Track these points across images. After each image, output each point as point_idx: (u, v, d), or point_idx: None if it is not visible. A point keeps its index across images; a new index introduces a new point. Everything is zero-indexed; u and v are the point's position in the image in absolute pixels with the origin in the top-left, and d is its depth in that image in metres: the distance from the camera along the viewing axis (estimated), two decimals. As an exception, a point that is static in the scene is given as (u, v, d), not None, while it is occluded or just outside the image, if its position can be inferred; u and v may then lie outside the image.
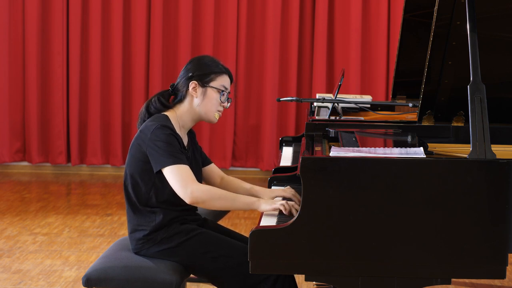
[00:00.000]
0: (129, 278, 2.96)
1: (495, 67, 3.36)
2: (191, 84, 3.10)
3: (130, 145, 3.09)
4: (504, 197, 2.63)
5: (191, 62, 3.17)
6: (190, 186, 2.92)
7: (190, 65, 3.15)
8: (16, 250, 4.98)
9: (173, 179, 2.94)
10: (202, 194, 2.92)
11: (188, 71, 3.13)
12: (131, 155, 3.07)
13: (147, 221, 3.05)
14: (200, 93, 3.10)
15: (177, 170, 2.94)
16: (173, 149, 2.97)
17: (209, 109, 3.11)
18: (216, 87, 3.10)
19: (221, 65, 3.16)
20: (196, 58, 3.19)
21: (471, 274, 2.69)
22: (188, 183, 2.92)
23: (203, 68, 3.11)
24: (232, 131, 7.58)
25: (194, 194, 2.91)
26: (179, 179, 2.93)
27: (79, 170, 7.73)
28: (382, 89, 7.40)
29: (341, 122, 3.76)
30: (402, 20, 4.31)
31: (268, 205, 2.94)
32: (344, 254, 2.65)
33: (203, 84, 3.10)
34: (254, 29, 7.50)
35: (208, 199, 2.93)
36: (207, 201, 2.94)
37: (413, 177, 2.64)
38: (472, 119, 2.70)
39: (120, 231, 5.51)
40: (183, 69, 3.17)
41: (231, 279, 3.00)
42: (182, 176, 2.93)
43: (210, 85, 3.10)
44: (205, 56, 3.20)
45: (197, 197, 2.92)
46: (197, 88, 3.10)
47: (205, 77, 3.10)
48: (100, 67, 7.52)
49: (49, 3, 7.48)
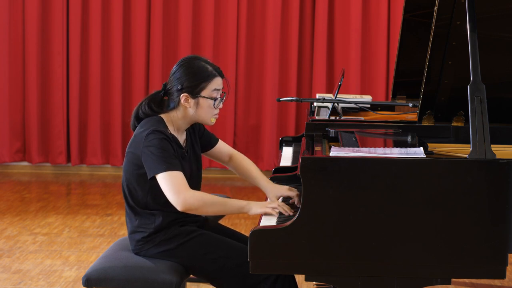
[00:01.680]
0: (129, 278, 2.96)
1: (495, 67, 3.36)
2: (182, 96, 3.05)
3: (126, 151, 3.08)
4: (504, 197, 2.63)
5: (180, 68, 3.07)
6: (183, 194, 2.90)
7: (179, 73, 3.06)
8: (16, 250, 4.98)
9: (166, 186, 2.92)
10: (195, 201, 2.91)
11: (178, 80, 3.05)
12: (127, 160, 3.07)
13: (147, 223, 3.05)
14: (193, 104, 3.06)
15: (169, 177, 2.92)
16: (166, 154, 2.94)
17: (204, 116, 3.08)
18: (208, 96, 3.05)
19: (210, 68, 3.06)
20: (185, 64, 3.08)
21: (471, 274, 2.69)
22: (180, 191, 2.91)
23: (193, 78, 3.04)
24: (232, 131, 7.58)
25: (186, 202, 2.90)
26: (171, 187, 2.91)
27: (79, 170, 7.72)
28: (382, 89, 7.40)
29: (341, 122, 3.76)
30: (402, 20, 4.31)
31: (259, 208, 2.95)
32: (344, 254, 2.65)
33: (194, 95, 3.04)
34: (254, 29, 7.50)
35: (201, 206, 2.92)
36: (199, 208, 2.93)
37: (413, 177, 2.64)
38: (472, 119, 2.70)
39: (120, 231, 5.51)
40: (172, 73, 3.09)
41: (230, 280, 2.99)
42: (174, 184, 2.91)
43: (202, 95, 3.05)
44: (193, 60, 3.09)
45: (190, 204, 2.90)
46: (189, 99, 3.05)
47: (195, 88, 3.04)
48: (100, 67, 7.52)
49: (49, 3, 7.48)
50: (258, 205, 2.96)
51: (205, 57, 3.13)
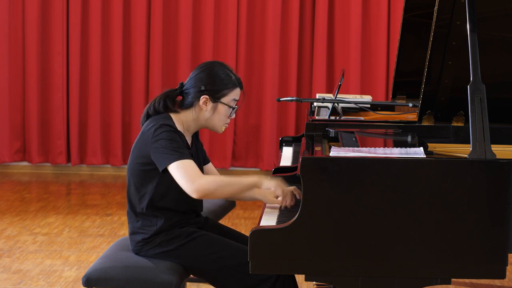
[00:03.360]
0: (129, 278, 2.96)
1: (495, 67, 3.36)
2: (202, 97, 3.05)
3: (132, 149, 3.07)
4: (504, 197, 2.63)
5: (204, 71, 3.08)
6: (197, 181, 2.88)
7: (203, 75, 3.07)
8: (16, 250, 4.98)
9: (179, 175, 2.90)
10: (210, 185, 2.90)
11: (201, 82, 3.06)
12: (132, 158, 3.06)
13: (148, 225, 3.04)
14: (210, 108, 3.06)
15: (182, 165, 2.90)
16: (176, 145, 2.94)
17: (217, 123, 3.09)
18: (227, 104, 3.07)
19: (233, 77, 3.10)
20: (210, 67, 3.10)
21: (471, 274, 2.69)
22: (194, 178, 2.89)
23: (217, 83, 3.06)
24: (232, 131, 7.58)
25: (201, 187, 2.88)
26: (184, 175, 2.89)
27: (79, 170, 7.72)
28: (382, 89, 7.40)
29: (341, 122, 3.76)
30: (402, 20, 4.31)
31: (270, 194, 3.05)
32: (344, 254, 2.65)
33: (215, 99, 3.06)
34: (254, 29, 7.50)
35: (216, 189, 2.91)
36: (215, 192, 2.92)
37: (413, 177, 2.64)
38: (472, 119, 2.70)
39: (120, 231, 5.51)
40: (194, 74, 3.09)
41: (231, 280, 2.99)
42: (188, 171, 2.89)
43: (221, 101, 3.07)
44: (219, 66, 3.11)
45: (205, 189, 2.89)
46: (208, 103, 3.06)
47: (217, 93, 3.06)
48: (100, 67, 7.52)
49: (49, 3, 7.48)
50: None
51: (228, 66, 3.15)
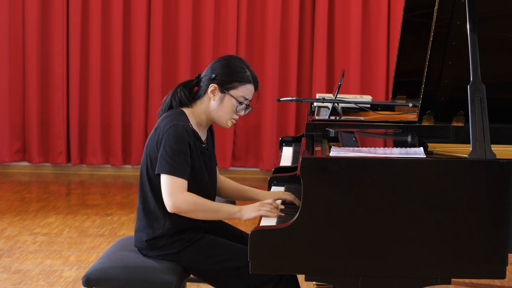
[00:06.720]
0: (129, 278, 2.96)
1: (495, 67, 3.36)
2: (210, 86, 3.01)
3: (146, 144, 3.05)
4: (504, 197, 2.63)
5: (220, 61, 3.04)
6: (175, 196, 2.88)
7: (218, 64, 3.03)
8: (16, 250, 4.98)
9: (164, 186, 2.91)
10: (186, 205, 2.89)
11: (213, 71, 3.02)
12: (146, 154, 3.03)
13: (155, 226, 3.01)
14: (218, 98, 3.01)
15: (170, 180, 2.90)
16: (177, 158, 2.91)
17: (222, 116, 3.03)
18: (235, 97, 3.00)
19: (249, 73, 3.02)
20: (227, 58, 3.05)
21: (471, 274, 2.69)
22: (174, 193, 2.89)
23: (229, 73, 3.00)
24: (232, 131, 7.58)
25: (177, 204, 2.88)
26: (167, 187, 2.90)
27: (79, 170, 7.72)
28: (382, 89, 7.40)
29: (341, 122, 3.76)
30: (402, 20, 4.31)
31: (252, 212, 2.93)
32: (344, 254, 2.65)
33: (223, 90, 3.00)
34: (254, 29, 7.50)
35: (190, 210, 2.90)
36: (189, 213, 2.91)
37: (413, 177, 2.64)
38: (472, 119, 2.70)
39: (120, 231, 5.51)
40: (211, 64, 3.06)
41: (232, 281, 2.98)
42: (171, 186, 2.89)
43: (230, 93, 3.00)
44: (236, 58, 3.06)
45: (179, 207, 2.89)
46: (216, 92, 3.00)
47: (227, 84, 3.00)
48: (100, 67, 7.52)
49: (49, 3, 7.48)
50: (250, 209, 2.93)
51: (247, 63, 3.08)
